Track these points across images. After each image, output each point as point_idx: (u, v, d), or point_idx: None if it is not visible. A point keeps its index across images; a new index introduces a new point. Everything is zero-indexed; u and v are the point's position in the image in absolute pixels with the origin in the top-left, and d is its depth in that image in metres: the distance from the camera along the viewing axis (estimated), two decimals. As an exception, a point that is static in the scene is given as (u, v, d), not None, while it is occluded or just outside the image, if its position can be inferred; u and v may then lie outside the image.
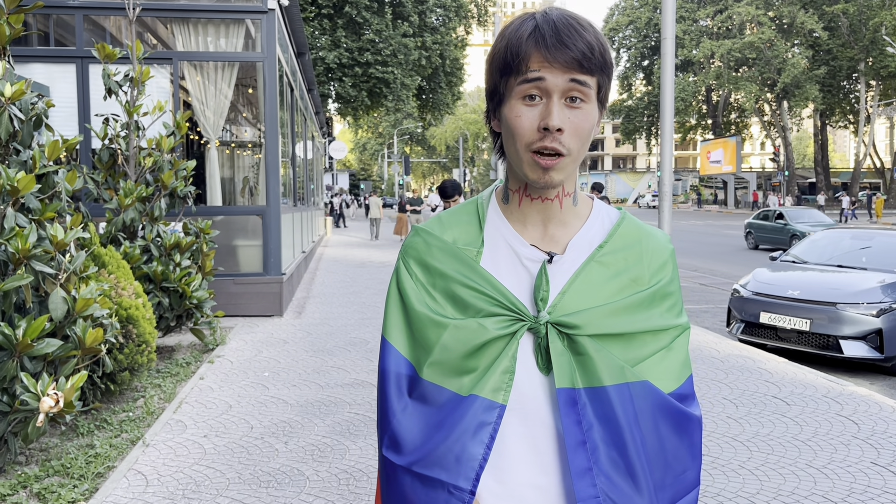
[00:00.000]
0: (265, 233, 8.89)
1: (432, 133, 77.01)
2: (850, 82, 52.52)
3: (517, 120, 1.08)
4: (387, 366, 1.19)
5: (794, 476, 4.02)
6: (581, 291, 1.13)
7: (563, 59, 1.05)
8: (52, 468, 3.96)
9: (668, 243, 1.23)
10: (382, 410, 1.19)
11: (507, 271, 1.16)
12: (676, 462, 1.15)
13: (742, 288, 7.89)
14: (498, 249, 1.18)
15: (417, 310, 1.17)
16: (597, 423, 1.09)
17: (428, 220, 1.27)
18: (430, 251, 1.20)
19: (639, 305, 1.15)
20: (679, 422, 1.15)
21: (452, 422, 1.10)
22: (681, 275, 14.46)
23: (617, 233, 1.19)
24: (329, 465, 4.15)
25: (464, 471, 1.08)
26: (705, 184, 66.47)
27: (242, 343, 7.38)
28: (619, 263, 1.16)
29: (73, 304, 3.94)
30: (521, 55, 1.07)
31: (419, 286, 1.19)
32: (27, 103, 4.02)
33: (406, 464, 1.12)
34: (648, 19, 56.15)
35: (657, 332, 1.16)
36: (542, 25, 1.07)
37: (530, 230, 1.18)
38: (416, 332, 1.17)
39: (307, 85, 16.42)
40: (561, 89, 1.06)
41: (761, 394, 5.60)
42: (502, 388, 1.10)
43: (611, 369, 1.10)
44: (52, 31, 9.04)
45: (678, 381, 1.17)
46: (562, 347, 1.11)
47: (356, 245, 21.97)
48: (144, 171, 6.59)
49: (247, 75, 10.71)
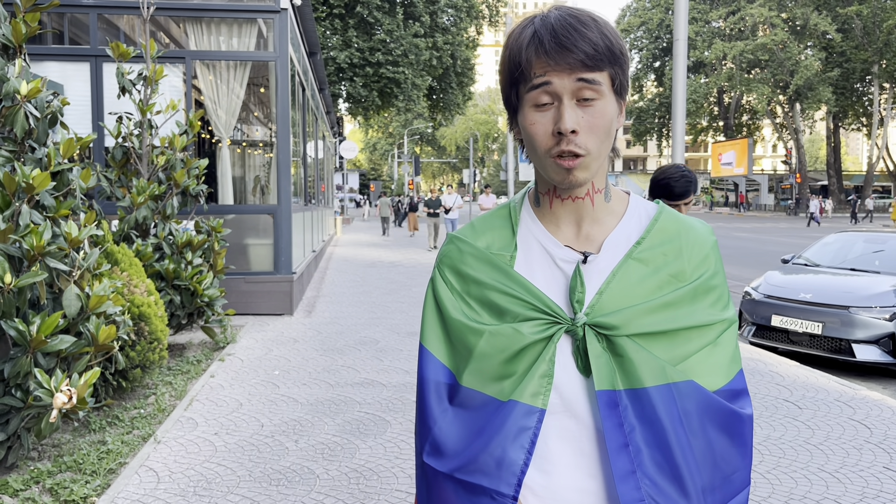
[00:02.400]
0: (276, 232, 8.91)
1: (442, 133, 77.06)
2: (863, 84, 52.16)
3: (532, 128, 1.08)
4: (426, 374, 1.19)
5: (806, 480, 4.00)
6: (619, 290, 1.11)
7: (564, 61, 1.03)
8: (64, 464, 3.98)
9: (710, 235, 1.19)
10: (422, 418, 1.18)
11: (542, 274, 1.15)
12: (725, 463, 1.13)
13: (753, 291, 7.85)
14: (532, 252, 1.17)
15: (454, 318, 1.17)
16: (639, 425, 1.07)
17: (462, 227, 1.26)
18: (464, 258, 1.20)
19: (680, 301, 1.12)
20: (727, 421, 1.12)
21: (493, 427, 1.10)
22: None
23: (655, 227, 1.16)
24: (339, 464, 4.16)
25: (505, 476, 1.07)
26: (716, 186, 66.20)
27: (253, 341, 7.40)
28: (659, 259, 1.14)
29: (87, 301, 3.97)
30: (524, 64, 1.06)
31: (455, 294, 1.19)
32: (42, 101, 4.05)
33: (448, 470, 1.12)
34: (660, 20, 55.98)
35: (702, 327, 1.13)
36: (539, 31, 1.05)
37: (564, 231, 1.17)
38: (454, 339, 1.17)
39: (318, 84, 16.46)
40: (570, 90, 1.04)
41: (773, 397, 5.57)
42: (541, 392, 1.09)
43: (652, 370, 1.08)
44: (67, 29, 9.10)
45: (727, 377, 1.14)
46: (600, 349, 1.09)
47: (366, 245, 22.00)
48: (157, 170, 6.62)
49: (259, 75, 10.74)
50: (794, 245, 22.40)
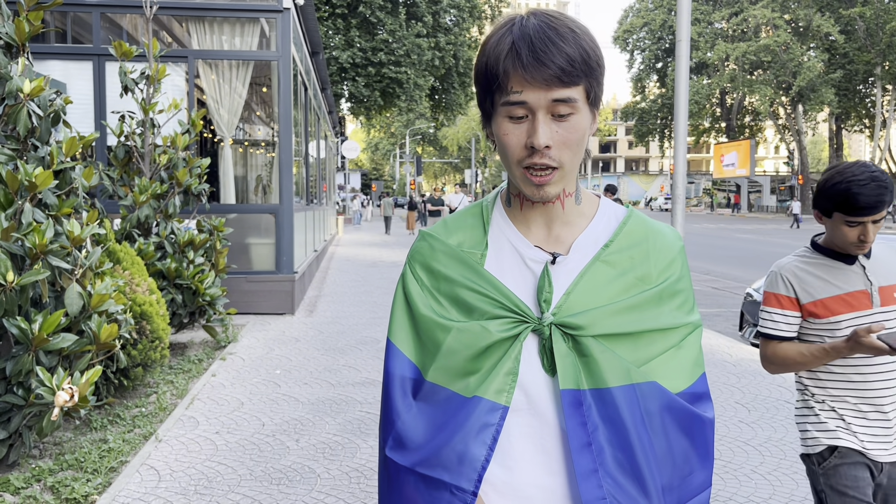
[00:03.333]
0: (278, 231, 8.92)
1: (444, 133, 77.02)
2: (866, 86, 52.09)
3: (505, 138, 1.08)
4: (392, 368, 1.20)
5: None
6: (586, 291, 1.12)
7: (541, 77, 1.03)
8: (65, 462, 3.99)
9: (678, 240, 1.21)
10: (386, 412, 1.19)
11: (512, 273, 1.16)
12: (684, 463, 1.14)
13: (755, 292, 7.84)
14: (502, 252, 1.18)
15: (423, 313, 1.17)
16: (602, 425, 1.08)
17: (434, 225, 1.27)
18: (435, 255, 1.21)
19: (646, 304, 1.14)
20: (688, 423, 1.14)
21: (456, 423, 1.10)
22: (693, 278, 14.39)
23: (623, 231, 1.18)
24: (340, 463, 4.16)
25: (466, 472, 1.08)
26: (718, 187, 66.16)
27: (254, 340, 7.41)
28: (626, 262, 1.15)
29: (89, 300, 3.97)
30: (500, 76, 1.06)
31: (425, 290, 1.20)
32: (45, 100, 4.06)
33: (409, 464, 1.13)
34: (663, 21, 55.92)
35: (666, 330, 1.15)
36: (517, 42, 1.04)
37: (535, 231, 1.18)
38: (422, 335, 1.18)
39: (321, 84, 16.47)
40: (545, 106, 1.05)
41: (774, 399, 5.57)
42: (505, 389, 1.10)
43: (616, 370, 1.09)
44: (70, 28, 9.12)
45: (689, 380, 1.16)
46: (566, 349, 1.10)
47: (368, 244, 22.01)
48: (159, 169, 6.63)
49: (261, 74, 10.75)
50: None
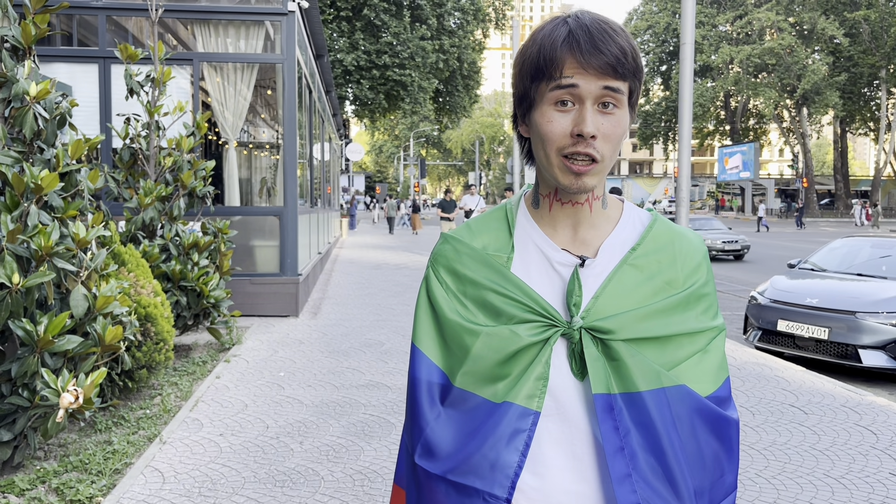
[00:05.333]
0: (282, 233, 8.93)
1: (448, 136, 77.09)
2: (870, 89, 52.01)
3: (549, 125, 1.07)
4: (418, 374, 1.18)
5: (812, 486, 3.98)
6: (615, 295, 1.12)
7: (597, 64, 1.04)
8: (70, 464, 4.00)
9: (702, 244, 1.21)
10: (414, 419, 1.18)
11: (539, 276, 1.15)
12: (715, 466, 1.14)
13: (760, 295, 7.83)
14: (529, 254, 1.17)
15: (449, 318, 1.16)
16: (634, 429, 1.08)
17: (457, 227, 1.25)
18: (460, 258, 1.19)
19: (674, 308, 1.13)
20: (717, 425, 1.14)
21: (487, 429, 1.09)
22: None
23: (650, 235, 1.17)
24: (344, 466, 4.16)
25: (499, 479, 1.07)
26: (723, 190, 66.04)
27: (258, 343, 7.41)
28: (653, 266, 1.15)
29: (94, 302, 3.98)
30: (556, 61, 1.06)
31: (450, 294, 1.18)
32: (51, 102, 4.07)
33: (441, 472, 1.12)
34: (667, 24, 55.91)
35: (693, 334, 1.14)
36: (575, 31, 1.06)
37: (561, 234, 1.17)
38: (448, 340, 1.16)
39: (325, 87, 16.49)
40: (594, 96, 1.05)
41: (778, 402, 5.55)
42: (536, 394, 1.09)
43: (646, 374, 1.09)
44: (76, 31, 9.15)
45: (715, 384, 1.16)
46: (596, 353, 1.09)
47: (371, 247, 22.02)
48: (164, 171, 6.65)
49: (266, 77, 10.78)
50: (801, 250, 22.33)
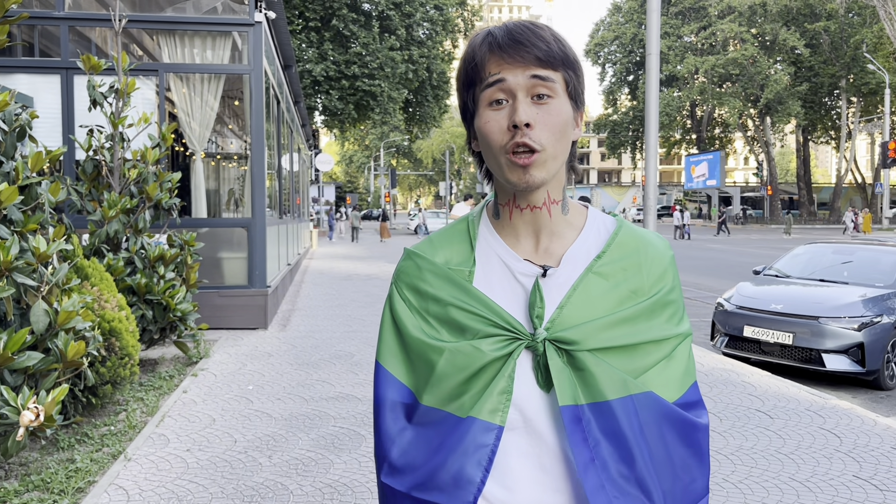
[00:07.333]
0: (250, 245, 8.85)
1: (419, 146, 77.13)
2: (831, 99, 53.23)
3: (487, 125, 1.08)
4: (383, 393, 1.17)
5: (778, 489, 4.04)
6: (580, 305, 1.11)
7: (518, 56, 1.06)
8: (31, 483, 3.91)
9: (668, 249, 1.20)
10: (380, 438, 1.17)
11: (502, 289, 1.14)
12: (685, 472, 1.14)
13: (726, 302, 7.94)
14: (491, 267, 1.16)
15: (413, 335, 1.15)
16: (603, 439, 1.07)
17: (419, 242, 1.24)
18: (422, 275, 1.18)
19: (639, 316, 1.13)
20: (685, 431, 1.13)
21: (450, 444, 1.09)
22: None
23: (615, 242, 1.16)
24: (313, 480, 4.12)
25: (462, 494, 1.07)
26: (690, 198, 66.96)
27: (227, 356, 7.33)
28: (618, 274, 1.14)
29: (55, 317, 3.91)
30: (479, 62, 1.08)
31: (413, 312, 1.17)
32: (11, 114, 4.00)
33: (406, 489, 1.11)
34: (633, 35, 56.65)
35: (659, 342, 1.13)
36: (495, 32, 1.09)
37: (523, 244, 1.16)
38: (413, 358, 1.15)
39: (294, 97, 16.42)
40: (524, 87, 1.06)
41: (745, 407, 5.63)
42: (500, 409, 1.08)
43: (613, 383, 1.08)
44: (37, 41, 9.00)
45: (681, 390, 1.15)
46: (561, 364, 1.08)
47: (342, 257, 21.92)
48: (129, 183, 6.56)
49: (233, 87, 10.70)
50: (766, 256, 22.70)
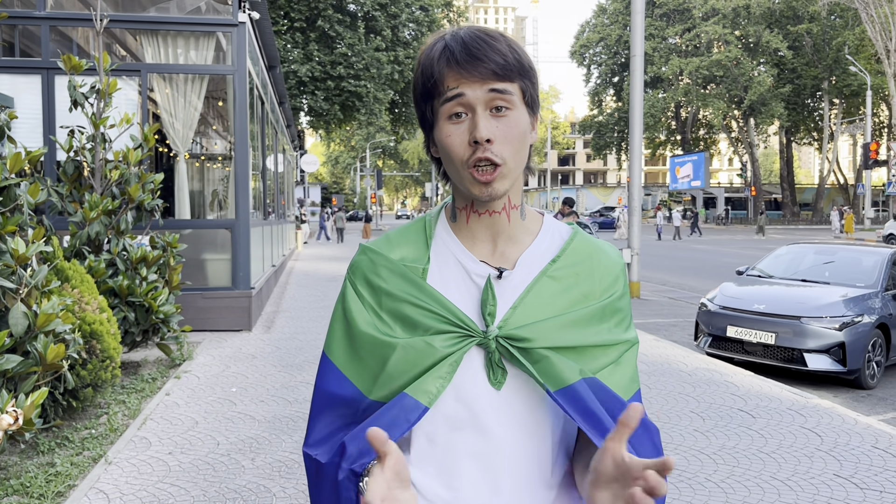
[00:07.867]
0: (234, 246, 8.81)
1: (405, 147, 77.12)
2: (814, 100, 53.75)
3: (448, 139, 1.09)
4: (325, 385, 1.17)
5: (759, 488, 4.06)
6: (532, 306, 1.13)
7: (476, 71, 1.06)
8: (10, 487, 3.86)
9: (620, 259, 1.23)
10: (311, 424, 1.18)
11: (456, 288, 1.15)
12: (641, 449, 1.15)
13: (709, 302, 7.99)
14: (447, 267, 1.17)
15: (364, 331, 1.15)
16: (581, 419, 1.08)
17: (376, 239, 1.25)
18: (376, 270, 1.18)
19: (589, 319, 1.15)
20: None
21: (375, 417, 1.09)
22: (649, 289, 14.60)
23: (570, 248, 1.19)
24: (296, 482, 4.10)
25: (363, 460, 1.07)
26: (674, 199, 67.32)
27: (210, 358, 7.28)
28: (571, 278, 1.16)
29: (35, 320, 3.87)
30: (437, 77, 1.08)
31: (366, 306, 1.17)
32: (-11, 115, 3.96)
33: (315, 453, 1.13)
34: (618, 36, 56.91)
35: (606, 346, 1.16)
36: (450, 44, 1.08)
37: (480, 247, 1.18)
38: (363, 354, 1.15)
39: (278, 98, 16.36)
40: (483, 101, 1.07)
41: (727, 407, 5.66)
42: (431, 391, 1.08)
43: (570, 368, 1.10)
44: (18, 41, 8.91)
45: (627, 395, 1.17)
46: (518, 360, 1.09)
47: (327, 259, 21.86)
48: (111, 184, 6.50)
49: (217, 88, 10.64)
50: (749, 257, 22.87)
